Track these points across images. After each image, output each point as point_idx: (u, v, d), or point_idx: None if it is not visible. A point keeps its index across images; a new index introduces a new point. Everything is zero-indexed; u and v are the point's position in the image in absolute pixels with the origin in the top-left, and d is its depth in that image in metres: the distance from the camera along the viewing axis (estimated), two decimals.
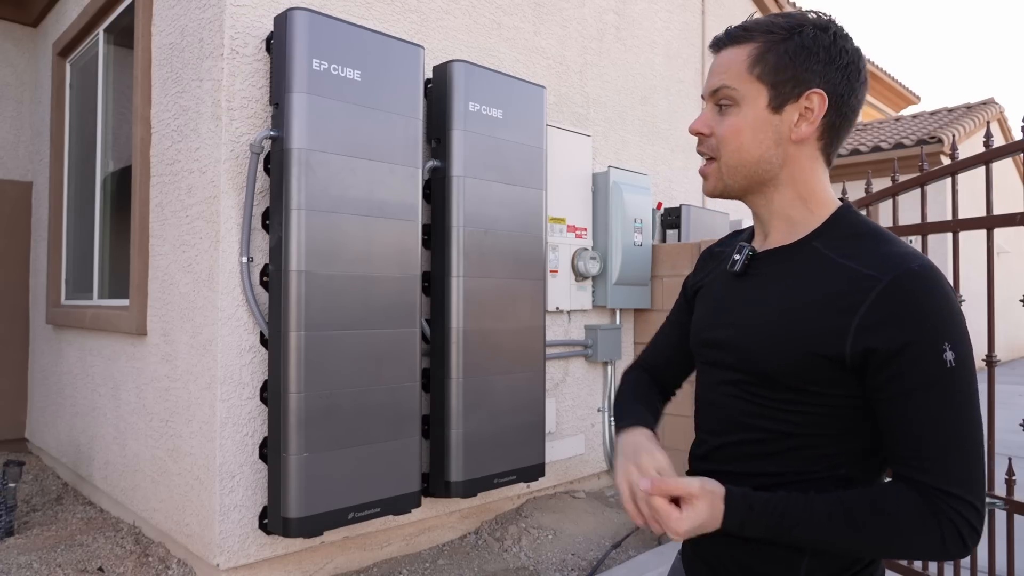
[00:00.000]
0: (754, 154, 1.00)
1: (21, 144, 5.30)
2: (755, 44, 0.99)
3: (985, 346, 2.59)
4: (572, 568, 3.23)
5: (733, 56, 1.01)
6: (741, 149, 1.01)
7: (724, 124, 1.01)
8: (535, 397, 3.48)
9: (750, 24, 1.01)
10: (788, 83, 0.98)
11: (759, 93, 0.99)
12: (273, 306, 2.70)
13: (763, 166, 1.01)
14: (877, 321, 0.89)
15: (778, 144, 1.00)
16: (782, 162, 1.01)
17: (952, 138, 9.06)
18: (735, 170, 1.02)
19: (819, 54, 0.98)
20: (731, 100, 1.01)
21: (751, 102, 0.99)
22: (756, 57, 0.99)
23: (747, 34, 1.00)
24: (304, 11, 2.66)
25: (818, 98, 0.98)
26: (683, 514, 0.92)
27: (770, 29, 0.99)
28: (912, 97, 17.27)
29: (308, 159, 2.66)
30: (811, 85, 0.98)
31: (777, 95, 0.98)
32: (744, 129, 1.00)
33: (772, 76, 0.98)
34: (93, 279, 4.21)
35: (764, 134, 1.00)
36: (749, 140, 1.00)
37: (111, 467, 3.71)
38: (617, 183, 4.19)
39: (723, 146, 1.02)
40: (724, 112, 1.02)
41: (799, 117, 0.99)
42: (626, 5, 4.70)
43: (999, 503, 2.50)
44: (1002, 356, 12.66)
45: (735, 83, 1.00)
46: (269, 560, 2.83)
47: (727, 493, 0.94)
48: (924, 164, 2.94)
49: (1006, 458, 3.00)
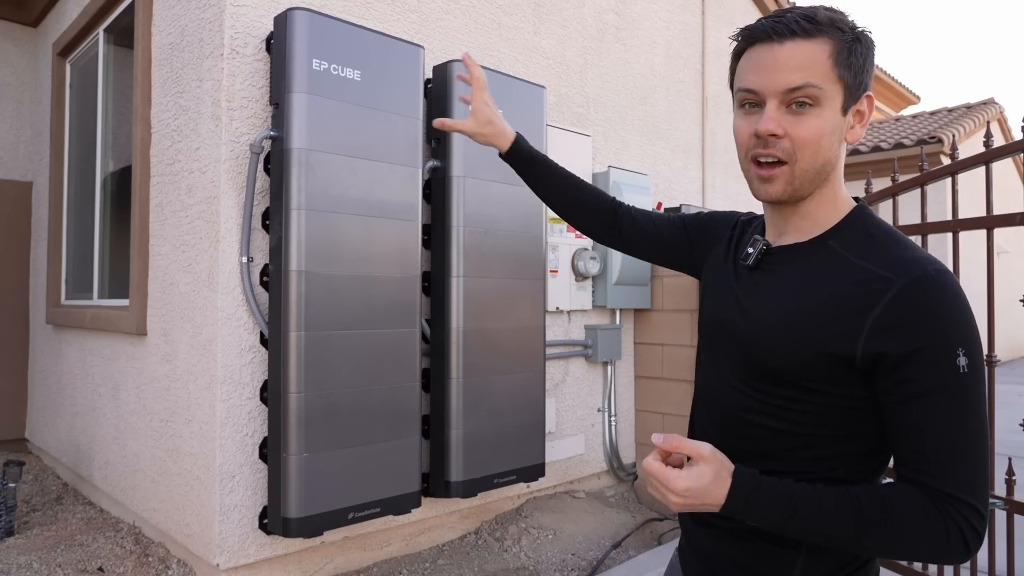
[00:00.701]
0: (827, 157, 0.96)
1: (21, 144, 5.30)
2: (831, 41, 0.93)
3: (985, 346, 2.59)
4: (572, 568, 3.23)
5: (811, 52, 0.93)
6: (819, 153, 0.95)
7: (804, 126, 0.94)
8: (535, 397, 3.48)
9: (819, 16, 0.94)
10: (859, 86, 0.96)
11: (837, 93, 0.94)
12: (273, 306, 2.70)
13: (828, 169, 0.97)
14: (891, 324, 0.88)
15: (840, 147, 0.97)
16: (836, 164, 0.98)
17: (952, 138, 9.06)
18: (810, 175, 0.96)
19: (870, 55, 0.96)
20: (813, 100, 0.93)
21: (830, 102, 0.94)
22: (839, 56, 0.93)
23: (818, 27, 0.93)
24: (304, 11, 2.66)
25: (869, 101, 0.97)
26: (684, 472, 0.90)
27: (839, 27, 0.94)
28: (912, 97, 17.27)
29: (308, 159, 2.66)
30: (867, 88, 0.97)
31: (850, 97, 0.95)
32: (825, 132, 0.94)
33: (851, 78, 0.94)
34: (93, 279, 4.21)
35: (836, 137, 0.96)
36: (827, 143, 0.95)
37: (111, 467, 3.71)
38: (617, 183, 4.19)
39: (801, 150, 0.94)
40: (801, 112, 0.94)
41: (856, 119, 0.98)
42: (626, 5, 4.70)
43: (999, 503, 2.50)
44: (1002, 356, 12.65)
45: (821, 82, 0.93)
46: (269, 560, 2.83)
47: (737, 468, 0.93)
48: (924, 164, 2.94)
49: (1006, 458, 3.00)
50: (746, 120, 0.98)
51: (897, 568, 2.91)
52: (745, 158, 1.00)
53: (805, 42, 0.93)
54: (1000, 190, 11.02)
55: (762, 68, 0.95)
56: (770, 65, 0.94)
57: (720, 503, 0.91)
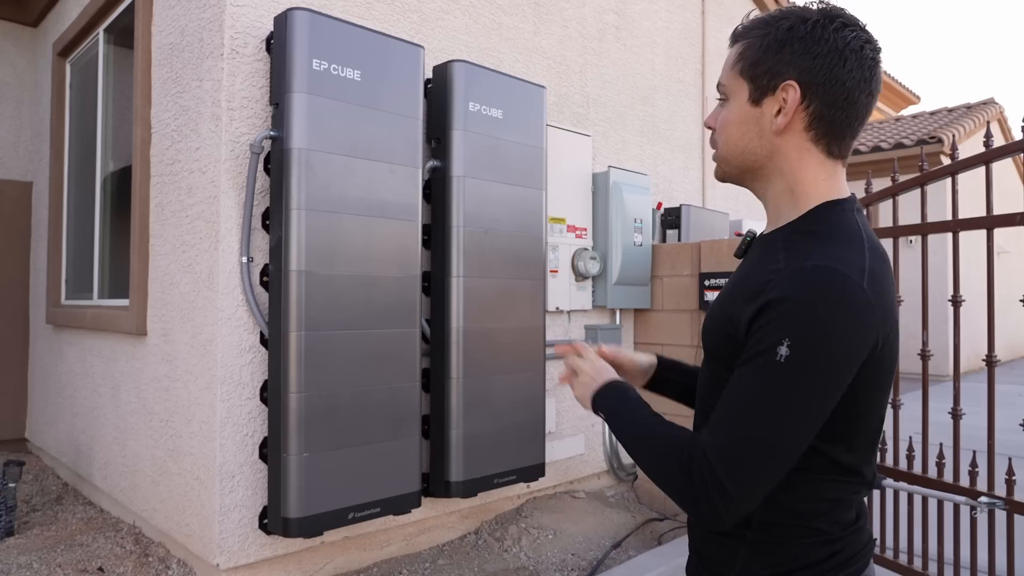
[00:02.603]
0: (739, 145, 1.06)
1: (21, 144, 5.30)
2: (742, 45, 1.05)
3: (985, 346, 2.59)
4: (572, 568, 3.23)
5: (729, 55, 1.08)
6: (729, 141, 1.07)
7: (719, 117, 1.09)
8: (535, 397, 3.48)
9: (749, 23, 1.06)
10: (763, 76, 1.01)
11: (741, 88, 1.04)
12: (273, 306, 2.70)
13: (748, 157, 1.06)
14: (760, 308, 0.93)
15: (761, 136, 1.04)
16: (768, 154, 1.04)
17: (952, 138, 9.06)
18: (726, 159, 1.09)
19: (793, 45, 0.98)
20: (724, 95, 1.08)
21: (736, 96, 1.06)
22: (739, 54, 1.05)
23: (744, 32, 1.06)
24: (304, 11, 2.66)
25: (791, 89, 0.99)
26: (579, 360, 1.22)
27: (758, 26, 1.04)
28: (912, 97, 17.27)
29: (308, 159, 2.66)
30: (785, 77, 0.99)
31: (755, 88, 1.02)
32: (731, 122, 1.06)
33: (750, 71, 1.03)
34: (93, 279, 4.21)
35: (747, 127, 1.04)
36: (735, 132, 1.06)
37: (111, 467, 3.71)
38: (617, 183, 4.19)
39: (718, 135, 1.09)
40: (722, 107, 1.09)
41: (778, 109, 1.01)
42: (626, 5, 4.70)
43: (999, 503, 2.50)
44: (1002, 356, 12.65)
45: (725, 79, 1.08)
46: (269, 560, 2.83)
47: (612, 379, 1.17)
48: (924, 164, 2.94)
49: (1006, 458, 3.00)
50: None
51: (898, 568, 2.91)
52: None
53: (733, 47, 1.08)
54: (1000, 190, 11.01)
55: None
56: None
57: (592, 391, 1.16)
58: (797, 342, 0.88)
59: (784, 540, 0.99)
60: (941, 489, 2.71)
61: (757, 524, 0.99)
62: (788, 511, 0.98)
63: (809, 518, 0.98)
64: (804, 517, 0.98)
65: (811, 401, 0.89)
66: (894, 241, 2.98)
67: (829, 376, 0.89)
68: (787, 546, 0.98)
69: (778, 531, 0.99)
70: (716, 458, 0.90)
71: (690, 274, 4.16)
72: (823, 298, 0.89)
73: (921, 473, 2.83)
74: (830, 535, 0.99)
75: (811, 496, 0.98)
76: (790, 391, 0.89)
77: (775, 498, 0.96)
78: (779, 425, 0.90)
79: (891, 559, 2.95)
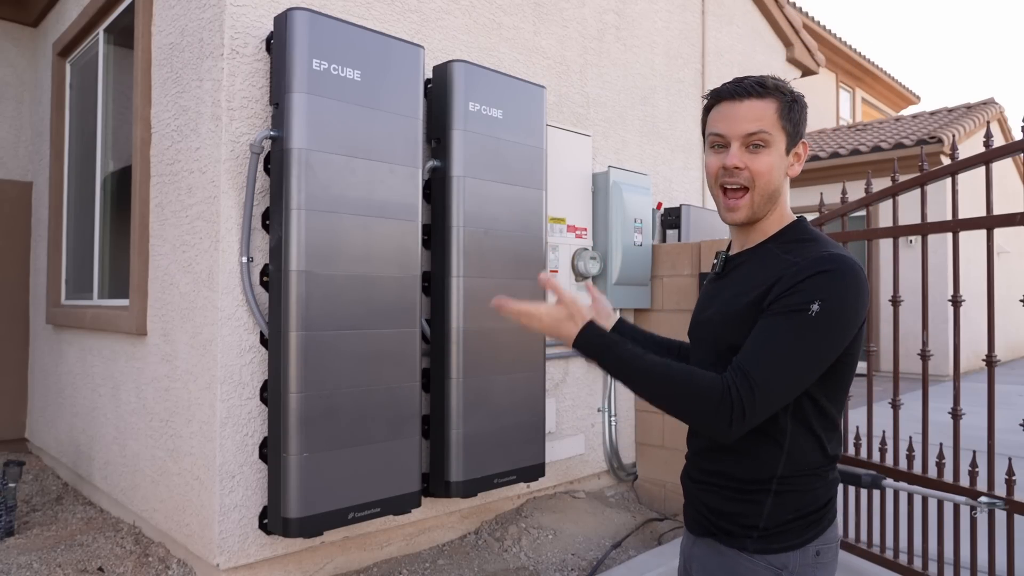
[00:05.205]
0: (775, 186, 1.30)
1: (21, 144, 5.30)
2: (777, 101, 1.28)
3: (985, 346, 2.59)
4: (572, 568, 3.23)
5: (762, 108, 1.27)
6: (770, 182, 1.29)
7: (759, 161, 1.27)
8: (535, 397, 3.48)
9: (767, 83, 1.29)
10: (797, 135, 1.31)
11: (782, 139, 1.29)
12: (273, 306, 2.70)
13: (776, 195, 1.31)
14: (782, 278, 1.20)
15: (782, 178, 1.32)
16: (779, 189, 1.32)
17: (952, 138, 9.06)
18: (765, 199, 1.30)
19: (804, 112, 1.33)
20: (764, 143, 1.27)
21: (777, 145, 1.28)
22: (783, 111, 1.28)
23: (767, 91, 1.28)
24: (304, 11, 2.66)
25: (804, 147, 1.34)
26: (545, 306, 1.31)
27: (781, 90, 1.29)
28: (912, 97, 17.26)
29: (308, 159, 2.66)
30: (802, 137, 1.33)
31: (791, 142, 1.30)
32: (774, 167, 1.29)
33: (792, 128, 1.30)
34: (93, 279, 4.21)
35: (780, 171, 1.30)
36: (775, 175, 1.29)
37: (111, 467, 3.71)
38: (617, 183, 4.19)
39: (757, 179, 1.28)
40: (756, 152, 1.27)
41: (795, 159, 1.33)
42: (626, 5, 4.70)
43: (999, 503, 2.50)
44: (1002, 356, 12.65)
45: (771, 129, 1.27)
46: (269, 560, 2.83)
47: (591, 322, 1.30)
48: (924, 164, 2.94)
49: (1006, 458, 3.00)
50: (716, 157, 1.32)
51: (898, 567, 2.91)
52: (715, 185, 1.33)
53: (758, 101, 1.28)
54: (1000, 190, 11.01)
55: (728, 119, 1.29)
56: (733, 117, 1.29)
57: (571, 337, 1.29)
58: (826, 303, 1.16)
59: (801, 487, 1.25)
60: (941, 489, 2.71)
61: (779, 478, 1.25)
62: (802, 464, 1.25)
63: (816, 467, 1.27)
64: (812, 467, 1.26)
65: (829, 349, 1.18)
66: (894, 241, 2.98)
67: (842, 331, 1.18)
68: (803, 492, 1.26)
69: (798, 481, 1.25)
70: (753, 385, 1.14)
71: (690, 274, 4.16)
72: (843, 275, 1.18)
73: (921, 473, 2.83)
74: (827, 480, 1.29)
75: (816, 448, 1.26)
76: (818, 339, 1.16)
77: (791, 455, 1.24)
78: (803, 364, 1.17)
79: (891, 559, 2.95)
